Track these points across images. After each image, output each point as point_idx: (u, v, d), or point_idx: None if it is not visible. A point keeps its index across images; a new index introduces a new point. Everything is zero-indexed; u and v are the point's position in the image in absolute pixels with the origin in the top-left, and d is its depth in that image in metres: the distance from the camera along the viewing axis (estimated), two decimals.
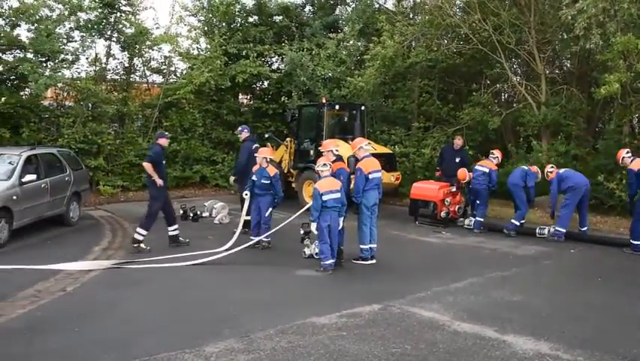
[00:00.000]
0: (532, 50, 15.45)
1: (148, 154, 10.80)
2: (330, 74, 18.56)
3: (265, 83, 20.96)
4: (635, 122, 15.23)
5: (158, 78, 19.86)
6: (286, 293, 7.78)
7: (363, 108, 15.92)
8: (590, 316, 6.86)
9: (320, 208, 8.64)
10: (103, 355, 5.45)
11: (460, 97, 18.76)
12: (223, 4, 19.28)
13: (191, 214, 13.43)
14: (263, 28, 20.31)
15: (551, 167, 11.89)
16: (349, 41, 19.27)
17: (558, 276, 9.05)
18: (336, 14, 22.05)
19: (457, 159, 13.84)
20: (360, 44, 19.23)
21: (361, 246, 9.31)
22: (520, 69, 18.57)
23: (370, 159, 9.43)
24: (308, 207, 9.83)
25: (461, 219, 12.96)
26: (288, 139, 16.76)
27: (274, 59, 21.27)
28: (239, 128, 12.46)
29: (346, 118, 16.24)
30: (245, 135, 11.98)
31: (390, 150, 16.03)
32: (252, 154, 11.33)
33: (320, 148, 10.70)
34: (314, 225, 8.75)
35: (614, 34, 12.55)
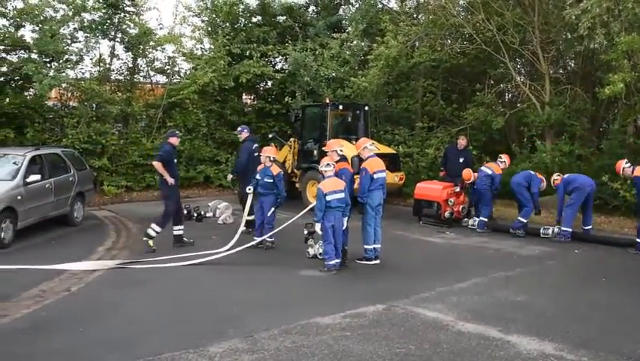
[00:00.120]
0: (536, 50, 15.42)
1: (158, 153, 10.83)
2: (334, 74, 18.53)
3: (269, 83, 20.95)
4: None
5: (161, 78, 19.91)
6: (290, 293, 7.78)
7: (366, 108, 15.92)
8: (595, 316, 6.85)
9: (324, 208, 8.64)
10: (107, 355, 5.46)
11: (464, 97, 18.72)
12: (227, 4, 19.26)
13: (195, 214, 13.45)
14: (266, 28, 20.31)
15: (557, 175, 11.93)
16: (353, 41, 19.24)
17: (562, 276, 9.03)
18: (340, 14, 22.04)
19: (460, 159, 13.84)
20: (364, 44, 19.23)
21: (365, 246, 9.31)
22: (524, 69, 18.53)
23: (375, 159, 9.43)
24: (312, 207, 9.85)
25: (465, 220, 12.95)
26: (291, 139, 16.77)
27: (278, 59, 21.28)
28: (238, 128, 12.51)
29: (350, 118, 16.23)
30: (245, 135, 12.03)
31: (394, 150, 16.00)
32: (252, 154, 11.38)
33: (324, 148, 10.71)
34: (318, 225, 8.75)
35: (618, 33, 12.51)
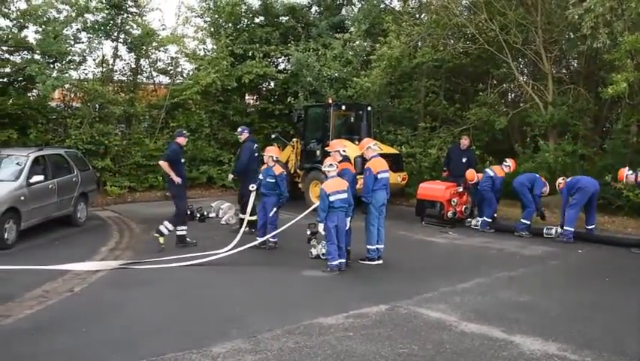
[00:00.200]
0: (539, 50, 15.39)
1: (165, 152, 10.86)
2: (337, 75, 18.53)
3: (271, 83, 20.99)
4: None
5: (164, 79, 19.98)
6: (293, 294, 7.78)
7: (369, 109, 15.93)
8: (598, 316, 6.83)
9: (327, 209, 8.64)
10: (110, 355, 5.47)
11: (467, 97, 18.70)
12: (229, 4, 19.29)
13: (198, 215, 13.46)
14: (269, 28, 20.33)
15: (562, 179, 11.92)
16: (355, 41, 19.23)
17: (565, 276, 9.02)
18: (343, 14, 22.02)
19: (463, 159, 13.84)
20: (367, 44, 19.21)
21: (368, 246, 9.30)
22: (527, 69, 18.51)
23: (378, 159, 9.42)
24: (315, 207, 9.85)
25: (468, 220, 12.94)
26: (294, 140, 16.78)
27: (280, 60, 21.29)
28: (238, 129, 12.49)
29: (353, 118, 16.24)
30: (245, 136, 12.06)
31: (397, 151, 16.01)
32: (253, 154, 11.42)
33: (327, 148, 10.71)
34: (321, 225, 8.75)
35: (621, 33, 12.50)
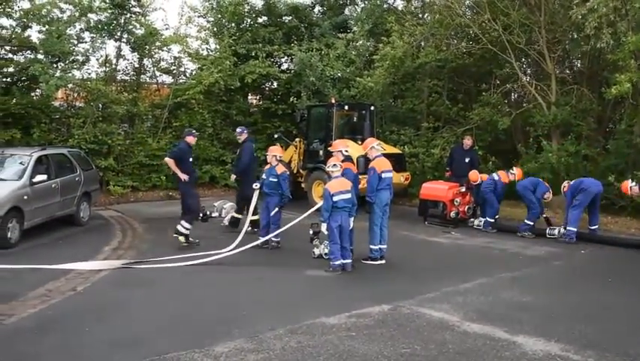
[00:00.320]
0: (542, 50, 15.36)
1: (172, 150, 10.93)
2: (340, 75, 18.54)
3: (274, 83, 20.96)
4: None
5: (167, 79, 19.97)
6: (295, 293, 7.79)
7: (372, 108, 15.91)
8: (601, 317, 6.82)
9: (330, 209, 8.65)
10: (112, 354, 5.48)
11: (470, 97, 18.68)
12: (232, 4, 19.30)
13: (201, 214, 13.43)
14: (272, 28, 20.32)
15: (567, 182, 11.91)
16: (358, 41, 19.23)
17: (568, 277, 9.00)
18: (346, 14, 22.00)
19: (466, 159, 13.85)
20: (370, 44, 19.19)
21: (371, 246, 9.30)
22: (530, 69, 18.44)
23: (382, 159, 9.43)
24: (318, 207, 9.85)
25: (471, 220, 12.93)
26: (297, 139, 16.78)
27: (283, 60, 21.27)
28: (238, 129, 12.45)
29: (355, 118, 16.22)
30: (244, 136, 12.10)
31: (400, 151, 16.00)
32: (254, 154, 11.48)
33: (330, 148, 10.71)
34: (324, 225, 8.76)
35: (625, 33, 12.47)
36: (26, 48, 16.28)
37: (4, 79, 16.48)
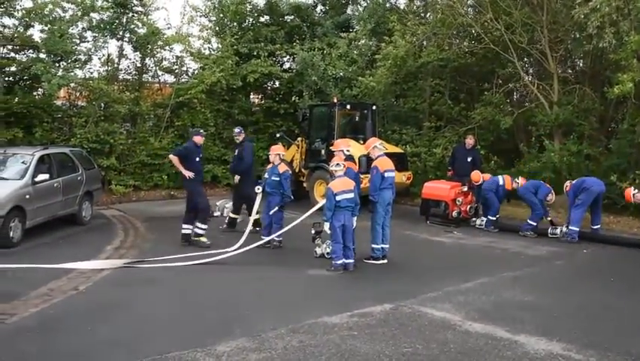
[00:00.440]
0: (544, 50, 15.33)
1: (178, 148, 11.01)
2: (342, 74, 18.51)
3: (276, 82, 20.94)
4: None
5: (169, 78, 19.94)
6: (297, 293, 7.79)
7: (374, 108, 15.91)
8: (603, 316, 6.81)
9: (334, 208, 8.65)
10: (114, 353, 5.49)
11: (472, 96, 18.64)
12: (234, 3, 19.29)
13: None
14: (274, 27, 20.30)
15: (569, 182, 11.90)
16: (361, 41, 19.20)
17: (570, 276, 8.99)
18: (348, 14, 21.97)
19: (468, 159, 13.85)
20: (372, 44, 19.17)
21: (373, 245, 9.31)
22: (533, 68, 18.42)
23: (385, 158, 9.43)
24: (319, 206, 9.86)
25: (473, 219, 12.92)
26: (299, 139, 16.78)
27: (285, 59, 21.24)
28: (236, 129, 12.39)
29: (357, 118, 16.24)
30: (243, 136, 12.13)
31: (402, 150, 15.99)
32: (254, 153, 11.52)
33: (331, 148, 10.71)
34: (327, 224, 8.76)
35: (627, 33, 12.43)
36: (28, 47, 16.28)
37: (6, 78, 16.47)
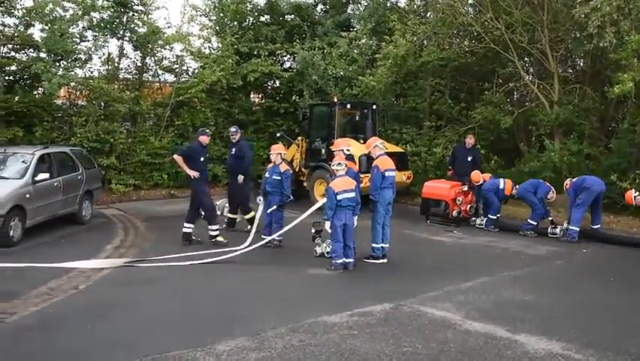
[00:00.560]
0: (544, 49, 15.32)
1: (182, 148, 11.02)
2: (342, 73, 18.51)
3: (277, 82, 20.94)
4: None
5: (170, 77, 19.92)
6: (297, 292, 7.79)
7: (374, 107, 15.90)
8: (603, 316, 6.81)
9: (335, 207, 8.66)
10: (114, 352, 5.49)
11: (472, 96, 18.64)
12: (234, 3, 19.28)
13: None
14: (274, 27, 20.30)
15: (569, 180, 11.90)
16: (361, 40, 19.21)
17: (570, 276, 8.99)
18: (348, 13, 21.96)
19: (469, 158, 13.84)
20: (372, 43, 19.18)
21: (373, 245, 9.31)
22: (533, 68, 18.41)
23: (385, 158, 9.44)
24: (319, 205, 9.86)
25: (473, 219, 12.92)
26: (299, 138, 16.77)
27: (286, 58, 21.24)
28: (232, 129, 12.39)
29: (358, 117, 16.22)
30: (239, 136, 12.15)
31: (402, 149, 15.98)
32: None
33: (331, 147, 10.71)
34: (328, 223, 8.76)
35: (628, 32, 12.43)
36: (29, 46, 16.28)
37: (6, 77, 16.47)
